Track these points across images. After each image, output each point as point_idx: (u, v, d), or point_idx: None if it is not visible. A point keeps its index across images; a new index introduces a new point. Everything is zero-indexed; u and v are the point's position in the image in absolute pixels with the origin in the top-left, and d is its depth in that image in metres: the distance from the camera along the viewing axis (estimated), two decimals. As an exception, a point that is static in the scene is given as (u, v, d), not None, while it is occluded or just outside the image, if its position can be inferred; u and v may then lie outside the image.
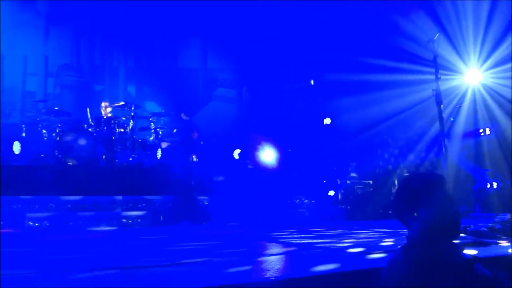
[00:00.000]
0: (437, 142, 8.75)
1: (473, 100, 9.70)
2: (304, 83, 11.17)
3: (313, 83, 11.07)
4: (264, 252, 4.23)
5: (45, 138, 8.92)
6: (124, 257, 3.92)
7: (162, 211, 7.85)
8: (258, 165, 9.70)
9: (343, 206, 9.41)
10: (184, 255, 3.83)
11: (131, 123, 9.11)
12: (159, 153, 9.20)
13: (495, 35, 9.55)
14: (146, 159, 8.97)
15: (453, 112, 9.58)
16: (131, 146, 8.90)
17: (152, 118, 9.48)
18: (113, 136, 8.75)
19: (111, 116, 9.06)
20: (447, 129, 6.14)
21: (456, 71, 9.69)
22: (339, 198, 9.55)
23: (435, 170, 8.51)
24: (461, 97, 9.78)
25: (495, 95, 9.61)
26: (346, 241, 5.00)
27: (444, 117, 4.85)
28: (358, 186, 9.50)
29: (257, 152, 9.81)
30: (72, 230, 6.93)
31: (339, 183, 9.61)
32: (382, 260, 2.86)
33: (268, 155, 9.84)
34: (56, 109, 9.21)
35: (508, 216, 5.04)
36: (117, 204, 7.74)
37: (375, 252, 3.49)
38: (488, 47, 9.73)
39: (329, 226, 7.53)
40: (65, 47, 12.19)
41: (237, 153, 9.95)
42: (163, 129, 9.55)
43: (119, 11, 11.82)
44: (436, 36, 5.07)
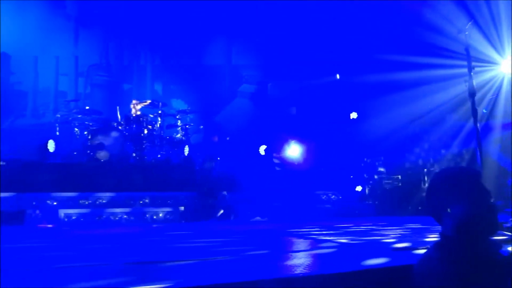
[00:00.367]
0: (470, 135, 8.46)
1: (509, 91, 9.30)
2: (330, 77, 11.04)
3: (339, 77, 10.93)
4: (292, 248, 4.22)
5: (77, 137, 9.23)
6: (152, 252, 4.00)
7: (190, 208, 7.96)
8: (284, 160, 9.68)
9: (371, 202, 9.25)
10: (212, 251, 3.88)
11: (158, 120, 9.29)
12: (186, 150, 9.34)
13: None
14: (174, 156, 9.11)
15: (487, 104, 9.24)
16: (159, 143, 9.07)
17: (178, 116, 9.64)
18: (142, 134, 8.95)
19: (139, 114, 9.27)
20: (480, 122, 5.91)
21: (490, 62, 9.33)
22: (367, 193, 9.41)
23: (468, 164, 8.25)
24: (496, 88, 9.41)
25: (533, 84, 9.18)
26: (375, 238, 4.92)
27: (478, 109, 4.68)
28: (386, 181, 9.32)
29: (283, 148, 9.79)
30: (103, 226, 7.14)
31: (366, 178, 9.45)
32: (412, 257, 2.79)
33: (294, 151, 9.80)
34: (87, 108, 9.48)
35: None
36: (146, 200, 7.91)
37: (405, 249, 3.42)
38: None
39: (356, 222, 7.43)
40: (94, 47, 12.54)
41: (263, 149, 9.96)
42: (190, 126, 9.68)
43: (145, 11, 12.03)
44: (468, 26, 4.89)
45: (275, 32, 11.58)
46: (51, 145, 8.42)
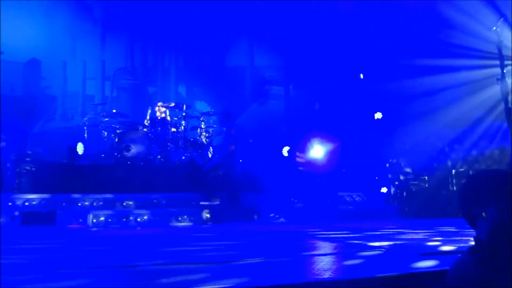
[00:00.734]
0: (503, 135, 8.17)
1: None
2: (353, 77, 10.89)
3: (363, 77, 10.77)
4: (315, 251, 4.18)
5: (104, 139, 9.46)
6: (177, 253, 4.04)
7: (214, 209, 8.00)
8: (307, 162, 9.61)
9: (396, 204, 9.07)
10: (236, 254, 3.88)
11: (183, 122, 9.40)
12: (210, 151, 9.42)
13: None
14: (198, 157, 9.19)
15: None
16: (184, 145, 9.18)
17: (202, 118, 9.73)
18: (167, 136, 9.08)
19: (164, 116, 9.41)
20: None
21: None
22: (393, 195, 9.23)
23: (500, 165, 7.97)
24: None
25: None
26: (403, 241, 4.81)
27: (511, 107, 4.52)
28: (412, 182, 9.11)
29: (306, 149, 9.72)
30: (130, 227, 7.28)
31: (392, 179, 9.27)
32: (444, 261, 2.72)
33: (318, 152, 9.71)
34: (114, 111, 9.68)
35: None
36: (171, 201, 8.01)
37: (435, 253, 3.33)
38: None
39: (382, 225, 7.30)
40: (120, 52, 12.83)
41: (286, 151, 9.92)
42: (213, 128, 9.76)
43: (168, 15, 12.22)
44: (500, 22, 4.73)
45: (297, 32, 11.53)
46: (80, 148, 8.66)
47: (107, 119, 9.53)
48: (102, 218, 7.31)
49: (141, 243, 5.25)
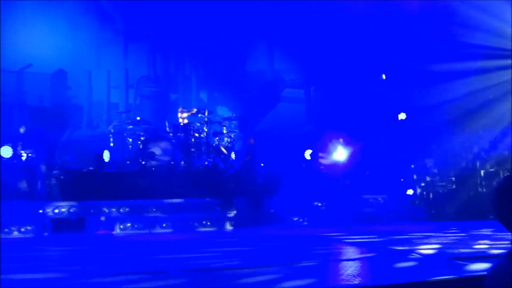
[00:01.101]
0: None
1: None
2: (375, 77, 10.73)
3: (385, 78, 10.59)
4: (341, 257, 4.11)
5: (129, 146, 9.64)
6: (200, 259, 4.02)
7: (238, 213, 8.02)
8: (330, 164, 9.52)
9: (423, 206, 8.85)
10: (260, 259, 3.87)
11: (205, 128, 9.48)
12: (232, 155, 9.45)
13: None
14: (221, 162, 9.24)
15: None
16: (206, 150, 9.25)
17: (224, 123, 9.79)
18: (190, 142, 9.17)
19: (187, 122, 9.52)
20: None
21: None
22: (419, 197, 9.02)
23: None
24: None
25: None
26: (434, 246, 4.68)
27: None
28: (439, 183, 8.88)
29: (329, 151, 9.64)
30: (157, 232, 7.38)
31: (418, 181, 9.05)
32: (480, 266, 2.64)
33: (340, 154, 9.61)
34: (138, 119, 9.86)
35: None
36: (196, 206, 8.07)
37: (470, 257, 3.22)
38: None
39: (408, 228, 7.15)
40: (143, 60, 13.08)
41: (308, 154, 9.86)
42: (235, 132, 9.80)
43: (187, 23, 12.39)
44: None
45: (316, 33, 11.45)
46: (106, 155, 8.84)
47: (131, 126, 9.71)
48: (128, 224, 7.44)
49: (168, 248, 5.31)
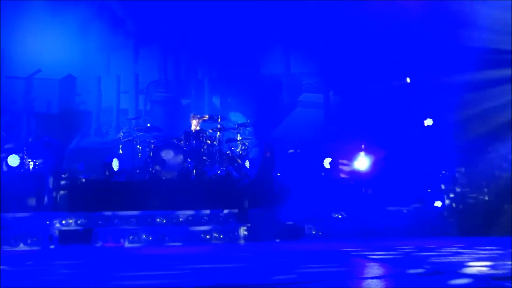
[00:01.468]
0: None
1: None
2: (399, 80, 10.20)
3: (409, 81, 10.06)
4: (363, 275, 3.80)
5: (139, 154, 9.28)
6: (212, 274, 3.74)
7: (252, 225, 7.59)
8: (351, 173, 9.02)
9: (452, 219, 8.26)
10: (276, 275, 3.59)
11: (218, 135, 9.10)
12: (247, 164, 9.03)
13: None
14: (234, 171, 8.83)
15: None
16: (219, 158, 8.85)
17: (238, 129, 9.38)
18: (202, 149, 8.79)
19: (199, 129, 9.13)
20: None
21: None
22: (447, 208, 8.43)
23: None
24: None
25: None
26: (467, 262, 4.26)
27: None
28: (470, 194, 8.29)
29: (349, 159, 9.14)
30: (166, 245, 7.00)
31: (447, 191, 8.48)
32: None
33: (362, 163, 9.10)
34: (148, 125, 9.52)
35: None
36: (208, 218, 7.68)
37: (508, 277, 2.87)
38: None
39: (436, 243, 6.66)
40: (153, 64, 12.78)
41: (327, 162, 9.37)
42: (249, 139, 9.40)
43: (199, 26, 12.07)
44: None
45: (335, 33, 10.99)
46: (115, 164, 8.51)
47: (141, 133, 9.37)
48: (137, 236, 7.08)
49: (177, 262, 4.96)
